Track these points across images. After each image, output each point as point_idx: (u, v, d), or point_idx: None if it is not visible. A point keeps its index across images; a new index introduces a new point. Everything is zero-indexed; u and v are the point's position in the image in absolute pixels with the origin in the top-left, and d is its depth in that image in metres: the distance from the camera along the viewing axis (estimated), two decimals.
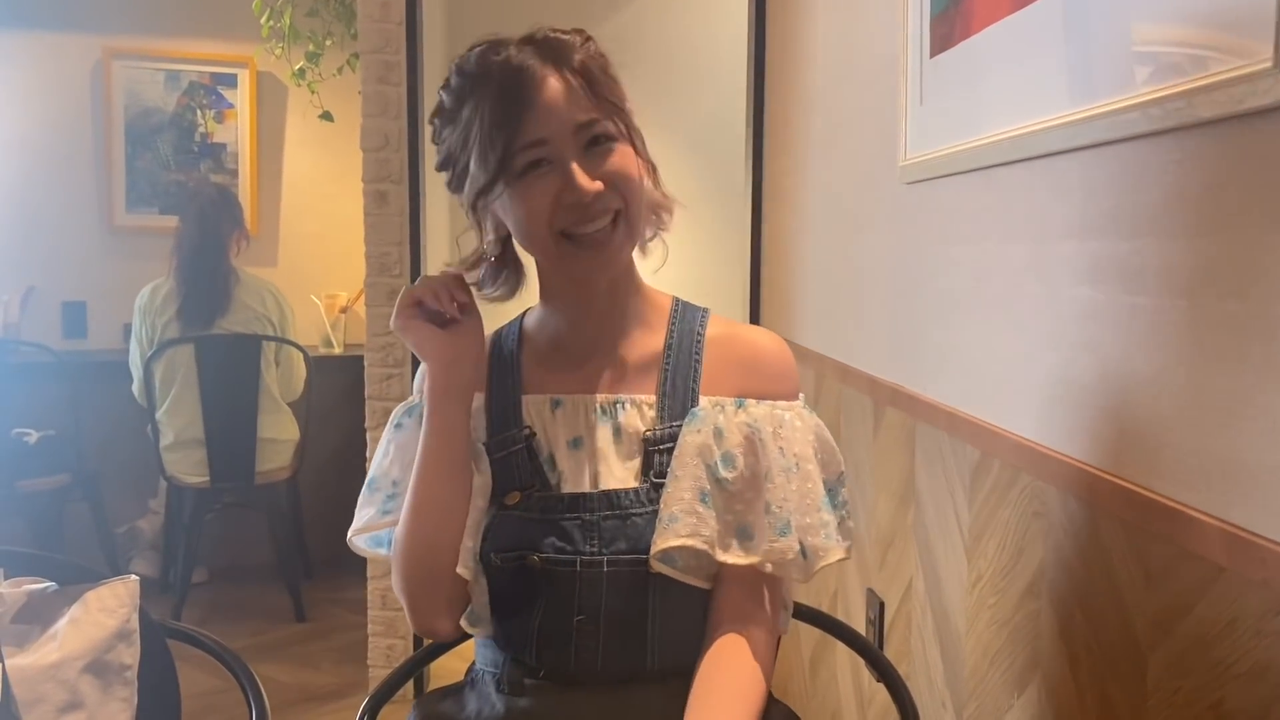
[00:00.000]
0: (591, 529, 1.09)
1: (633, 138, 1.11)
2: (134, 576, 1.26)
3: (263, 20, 3.86)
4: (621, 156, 1.08)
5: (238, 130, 4.28)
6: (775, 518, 1.08)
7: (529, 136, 1.04)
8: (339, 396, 3.95)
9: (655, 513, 1.08)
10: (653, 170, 1.16)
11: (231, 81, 4.25)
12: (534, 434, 1.14)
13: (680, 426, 1.11)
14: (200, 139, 4.25)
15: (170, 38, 4.21)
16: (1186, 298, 0.93)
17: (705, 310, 1.21)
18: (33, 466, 3.60)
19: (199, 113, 4.24)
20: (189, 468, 3.53)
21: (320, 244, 4.37)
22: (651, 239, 1.20)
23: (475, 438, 1.16)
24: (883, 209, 1.80)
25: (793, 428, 1.13)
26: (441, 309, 1.12)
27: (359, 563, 3.16)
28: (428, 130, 1.20)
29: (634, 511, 1.09)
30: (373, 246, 2.89)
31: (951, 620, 1.49)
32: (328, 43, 3.98)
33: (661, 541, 1.06)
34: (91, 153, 4.19)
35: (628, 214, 1.08)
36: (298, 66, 3.98)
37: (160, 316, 3.50)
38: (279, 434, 3.62)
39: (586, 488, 1.11)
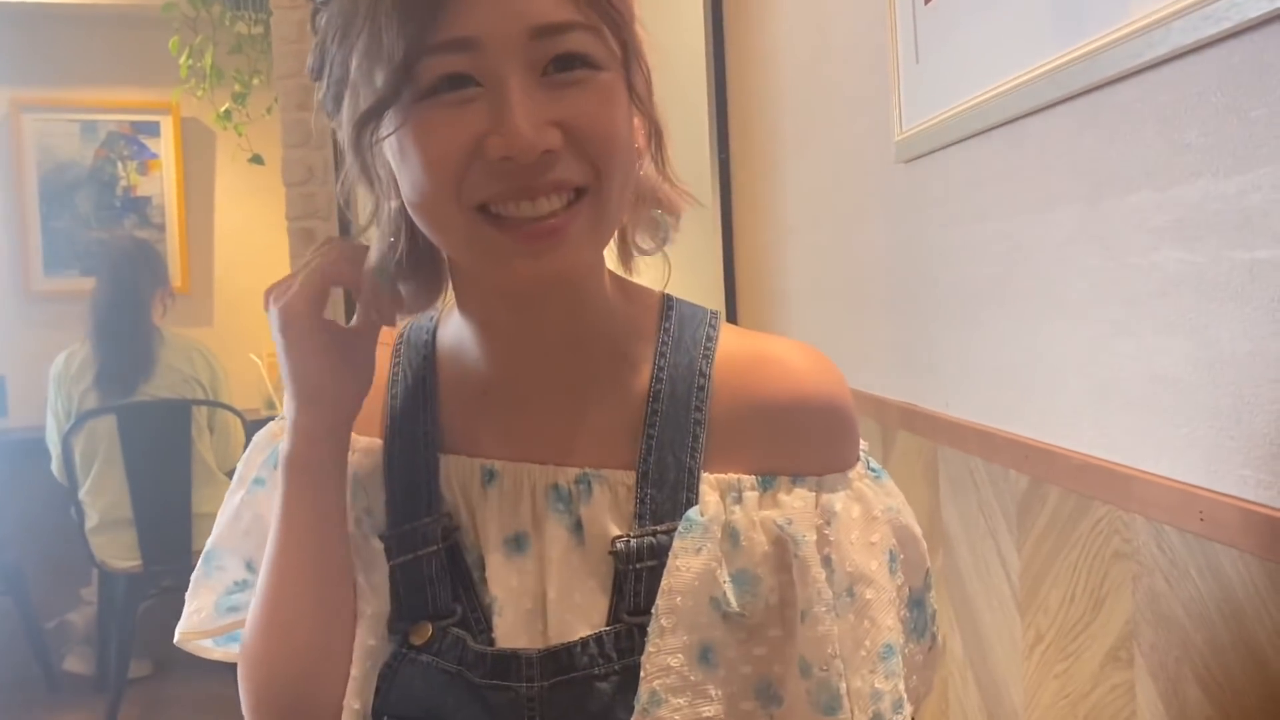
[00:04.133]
0: (530, 706, 0.71)
1: (630, 69, 0.69)
2: None
3: (181, 60, 3.61)
4: (602, 93, 0.66)
5: (163, 181, 4.03)
6: (815, 682, 0.70)
7: (448, 32, 0.63)
8: None
9: (628, 669, 0.70)
10: (656, 133, 0.74)
11: (154, 130, 4.00)
12: (456, 526, 0.75)
13: (669, 534, 0.71)
14: (123, 193, 3.99)
15: (84, 85, 3.98)
16: None
17: (711, 317, 0.79)
18: None
19: (120, 164, 3.98)
20: (118, 551, 3.23)
21: (258, 298, 4.05)
22: (647, 251, 0.79)
23: (363, 525, 0.77)
24: (876, 197, 1.53)
25: (848, 522, 0.73)
26: (368, 311, 0.75)
27: None
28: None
29: (596, 674, 0.70)
30: None
31: (1004, 692, 1.20)
32: (254, 81, 3.75)
33: None
34: (3, 213, 3.93)
35: (599, 191, 0.67)
36: (223, 109, 3.73)
37: (76, 385, 3.22)
38: (216, 508, 3.27)
39: (523, 639, 0.72)
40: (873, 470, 0.77)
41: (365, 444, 0.79)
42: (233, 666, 0.79)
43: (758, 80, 2.17)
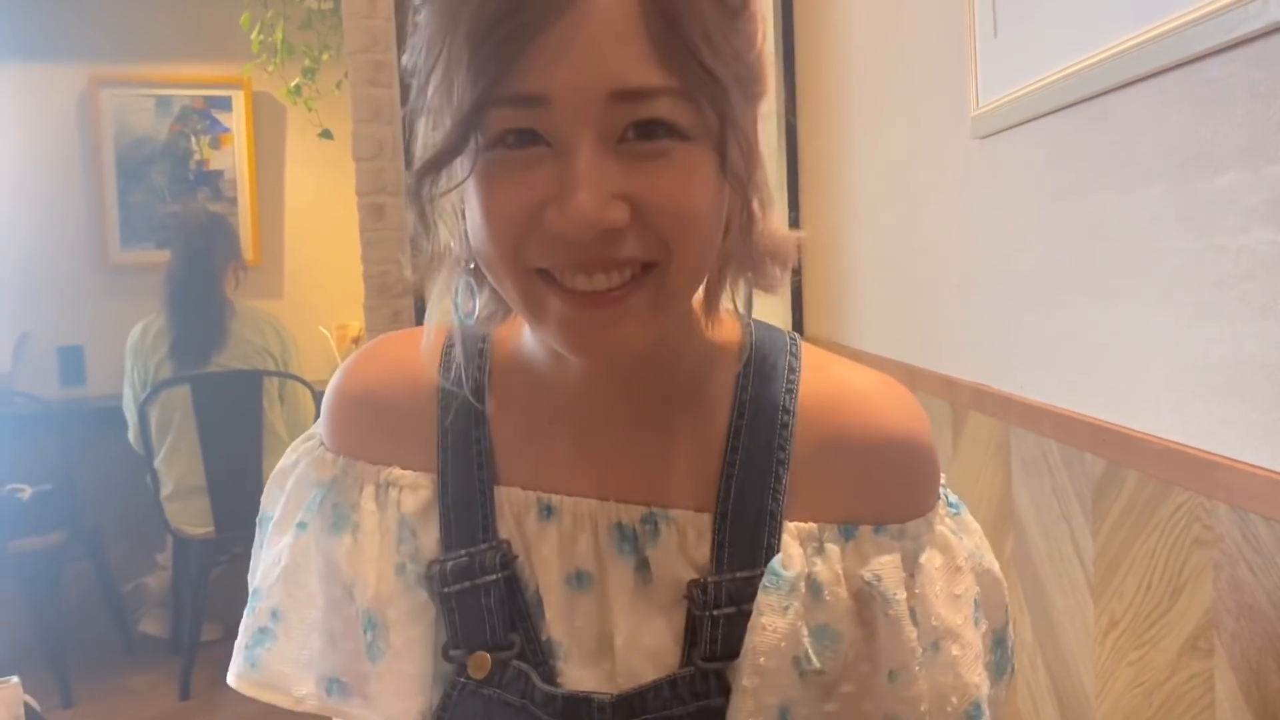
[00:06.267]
0: None
1: (726, 142, 0.60)
2: (14, 680, 0.97)
3: (253, 35, 3.64)
4: (685, 167, 0.59)
5: (235, 155, 4.07)
6: None
7: (520, 85, 0.57)
8: None
9: (702, 711, 0.67)
10: (749, 214, 0.66)
11: (226, 104, 4.04)
12: (515, 556, 0.71)
13: (749, 582, 0.67)
14: (196, 167, 4.04)
15: (158, 61, 4.03)
16: None
17: (791, 345, 0.74)
18: (26, 525, 3.36)
19: (193, 139, 4.03)
20: (192, 518, 3.29)
21: (327, 271, 4.14)
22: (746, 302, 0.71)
23: (405, 572, 0.72)
24: (950, 174, 1.50)
25: (932, 574, 0.69)
26: None
27: None
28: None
29: (669, 715, 0.67)
30: (370, 265, 2.64)
31: (1075, 677, 1.18)
32: (324, 57, 3.77)
33: None
34: (81, 188, 3.99)
35: (668, 269, 0.60)
36: (293, 83, 3.76)
37: (152, 356, 3.27)
38: None
39: (590, 682, 0.69)
40: (952, 506, 0.74)
41: (412, 480, 0.74)
42: None
43: (827, 55, 2.14)
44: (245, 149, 4.07)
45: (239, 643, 0.78)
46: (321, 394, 0.76)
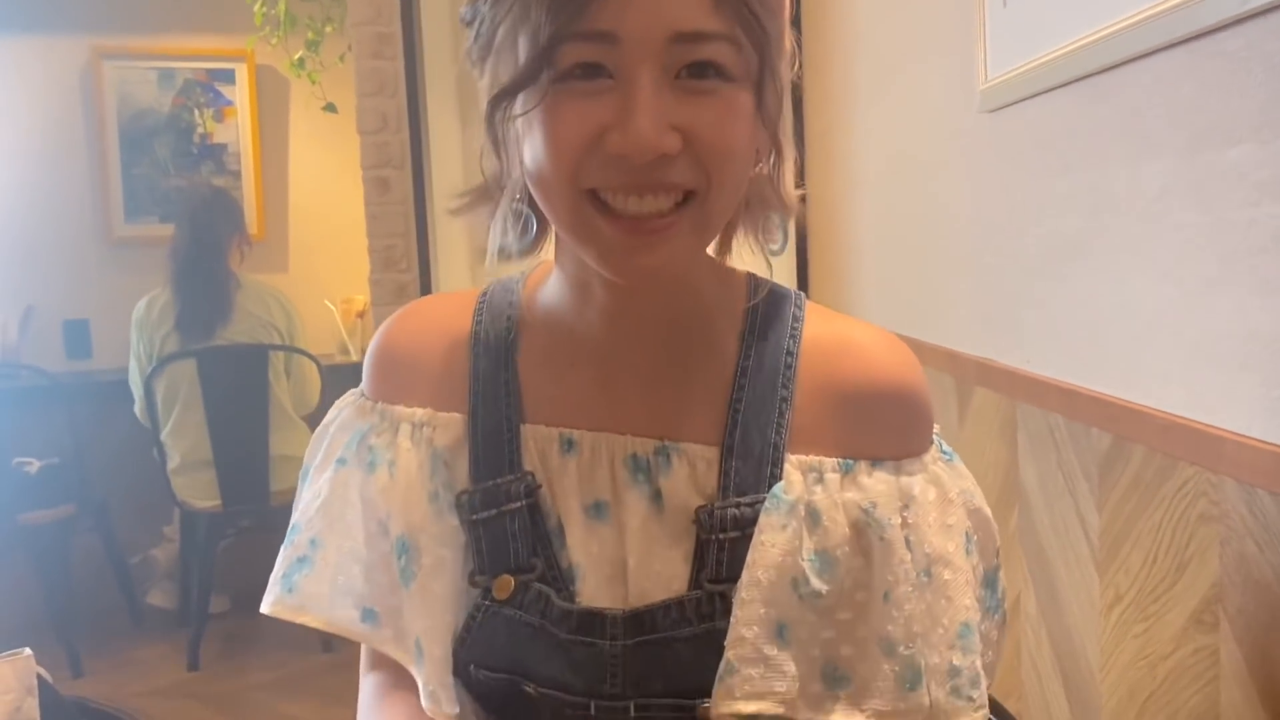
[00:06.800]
0: (613, 662, 0.73)
1: (764, 86, 0.69)
2: (26, 651, 0.97)
3: (255, 7, 3.62)
4: (729, 106, 0.67)
5: (238, 129, 4.04)
6: (901, 661, 0.72)
7: (594, 23, 0.64)
8: None
9: (708, 633, 0.72)
10: (777, 152, 0.75)
11: (229, 77, 4.01)
12: (538, 485, 0.77)
13: (753, 507, 0.73)
14: (199, 140, 4.01)
15: (161, 33, 3.98)
16: None
17: (797, 300, 0.80)
18: (34, 498, 3.37)
19: (196, 112, 4.00)
20: (199, 491, 3.30)
21: (332, 245, 4.13)
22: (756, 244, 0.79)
23: (439, 500, 0.78)
24: (958, 148, 1.49)
25: (925, 506, 0.74)
26: None
27: None
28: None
29: (676, 636, 0.73)
30: (375, 239, 2.64)
31: (1079, 651, 1.18)
32: (328, 29, 3.74)
33: (717, 702, 0.71)
34: (85, 161, 3.97)
35: (707, 197, 0.68)
36: (297, 56, 3.74)
37: (158, 330, 3.27)
38: (294, 450, 3.38)
39: (605, 601, 0.74)
40: (945, 454, 0.78)
41: (445, 419, 0.80)
42: None
43: (834, 27, 2.13)
44: (249, 122, 4.05)
45: (275, 574, 0.82)
46: (326, 369, 0.80)
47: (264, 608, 0.82)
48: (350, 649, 3.54)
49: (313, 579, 0.80)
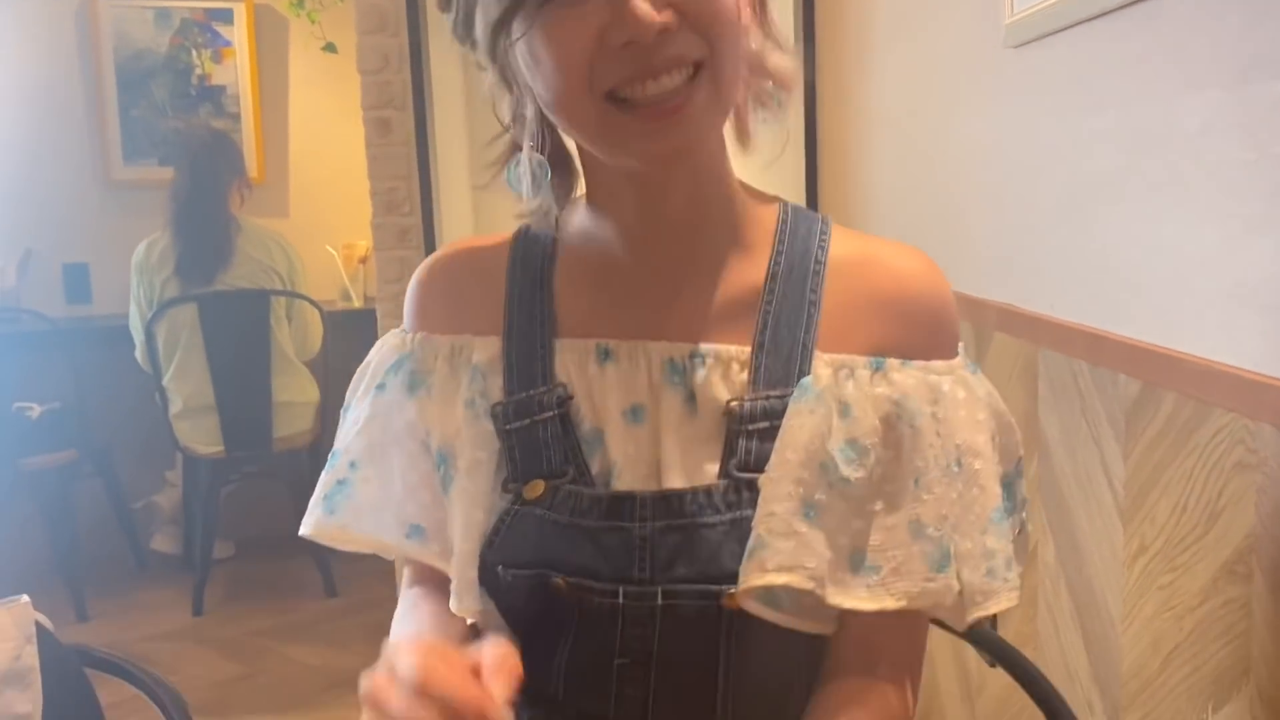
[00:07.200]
0: (641, 546, 0.75)
1: None
2: (24, 598, 0.95)
3: None
4: None
5: (237, 70, 3.95)
6: (930, 542, 0.74)
7: None
8: (361, 353, 3.62)
9: (735, 523, 0.74)
10: (762, 7, 0.78)
11: (227, 16, 3.91)
12: (570, 396, 0.79)
13: (782, 399, 0.75)
14: (198, 81, 3.93)
15: None
16: None
17: (824, 220, 0.83)
18: (37, 443, 3.34)
19: (194, 53, 3.91)
20: (201, 437, 3.28)
21: (334, 189, 4.06)
22: (761, 120, 0.82)
23: (475, 406, 0.81)
24: (981, 85, 1.45)
25: (954, 402, 0.76)
26: None
27: None
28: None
29: (704, 522, 0.74)
30: (377, 182, 2.58)
31: (1100, 602, 1.16)
32: None
33: (746, 576, 0.72)
34: (83, 102, 3.89)
35: (715, 66, 0.70)
36: None
37: (158, 274, 3.23)
38: (296, 396, 3.36)
39: (640, 485, 0.76)
40: (970, 366, 0.81)
41: (483, 341, 0.83)
42: (291, 546, 0.84)
43: None
44: (247, 64, 3.96)
45: (314, 499, 0.86)
46: (328, 315, 0.79)
47: (304, 530, 0.85)
48: (355, 594, 3.56)
49: (354, 501, 0.84)
